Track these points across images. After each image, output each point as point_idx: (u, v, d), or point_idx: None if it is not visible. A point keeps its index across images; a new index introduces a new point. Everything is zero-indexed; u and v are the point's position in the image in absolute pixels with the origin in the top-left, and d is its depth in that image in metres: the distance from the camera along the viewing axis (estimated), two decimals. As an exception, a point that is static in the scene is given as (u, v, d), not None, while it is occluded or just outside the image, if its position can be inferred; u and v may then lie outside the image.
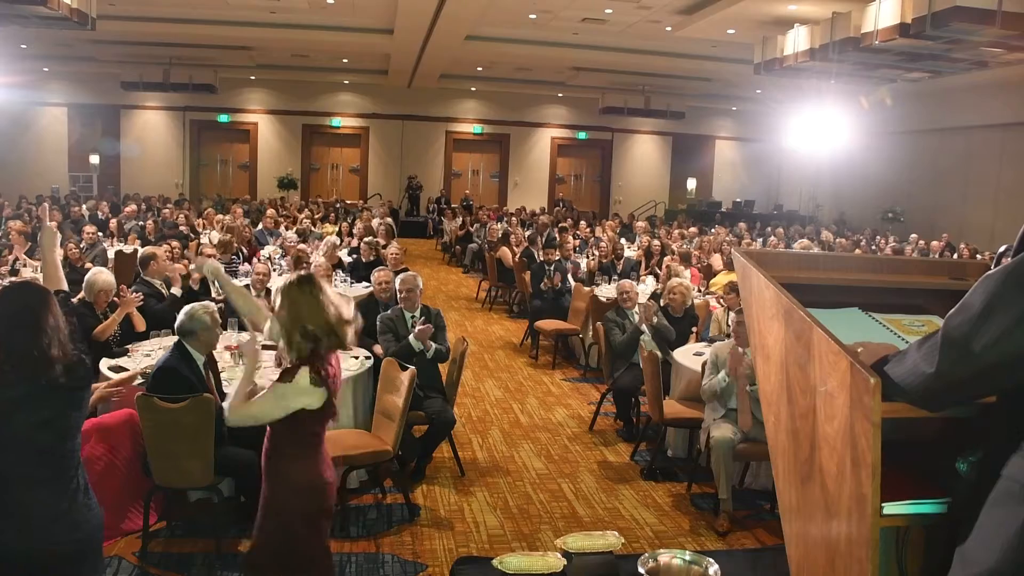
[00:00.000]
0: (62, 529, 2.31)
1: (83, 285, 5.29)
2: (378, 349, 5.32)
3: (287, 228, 12.45)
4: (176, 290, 6.10)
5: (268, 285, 6.58)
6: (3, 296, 2.40)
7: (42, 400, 2.28)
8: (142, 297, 5.36)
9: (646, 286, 8.91)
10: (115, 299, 5.27)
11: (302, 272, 2.87)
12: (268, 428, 2.75)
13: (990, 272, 1.41)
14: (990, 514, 1.40)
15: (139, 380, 4.33)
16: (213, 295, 6.58)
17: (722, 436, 4.47)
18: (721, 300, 7.04)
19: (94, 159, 20.58)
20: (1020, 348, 1.34)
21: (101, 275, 5.30)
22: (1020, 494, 1.35)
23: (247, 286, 6.39)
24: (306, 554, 2.77)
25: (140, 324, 5.36)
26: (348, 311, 2.75)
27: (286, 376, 2.64)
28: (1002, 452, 1.42)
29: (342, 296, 2.82)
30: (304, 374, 2.61)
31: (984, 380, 1.42)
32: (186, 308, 4.11)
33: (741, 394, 4.52)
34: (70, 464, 2.37)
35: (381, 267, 6.93)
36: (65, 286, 2.71)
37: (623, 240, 12.82)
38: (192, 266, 6.64)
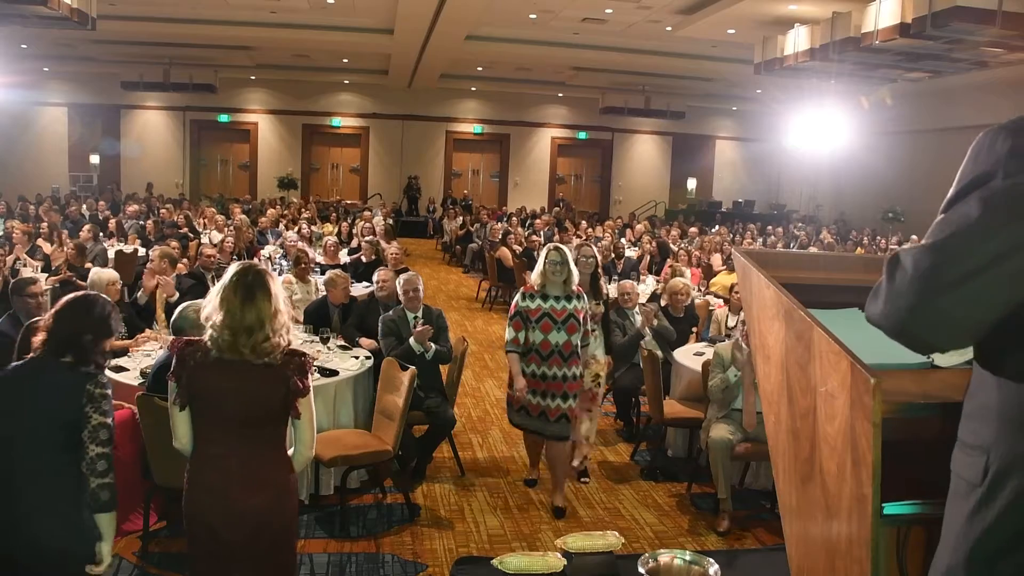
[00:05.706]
0: (68, 533, 2.34)
1: (87, 286, 5.30)
2: (365, 342, 5.47)
3: (287, 228, 12.45)
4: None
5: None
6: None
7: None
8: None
9: (646, 286, 8.92)
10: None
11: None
12: None
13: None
14: (946, 514, 1.37)
15: (139, 380, 4.34)
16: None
17: (719, 437, 4.47)
18: (718, 296, 7.03)
19: (94, 159, 20.58)
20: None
21: (104, 272, 5.57)
22: (963, 489, 1.33)
23: None
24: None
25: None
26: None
27: None
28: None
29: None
30: None
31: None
32: (178, 308, 4.10)
33: (747, 392, 4.51)
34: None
35: (382, 267, 6.96)
36: None
37: (623, 240, 12.82)
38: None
